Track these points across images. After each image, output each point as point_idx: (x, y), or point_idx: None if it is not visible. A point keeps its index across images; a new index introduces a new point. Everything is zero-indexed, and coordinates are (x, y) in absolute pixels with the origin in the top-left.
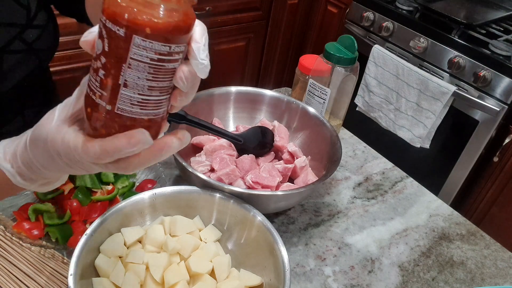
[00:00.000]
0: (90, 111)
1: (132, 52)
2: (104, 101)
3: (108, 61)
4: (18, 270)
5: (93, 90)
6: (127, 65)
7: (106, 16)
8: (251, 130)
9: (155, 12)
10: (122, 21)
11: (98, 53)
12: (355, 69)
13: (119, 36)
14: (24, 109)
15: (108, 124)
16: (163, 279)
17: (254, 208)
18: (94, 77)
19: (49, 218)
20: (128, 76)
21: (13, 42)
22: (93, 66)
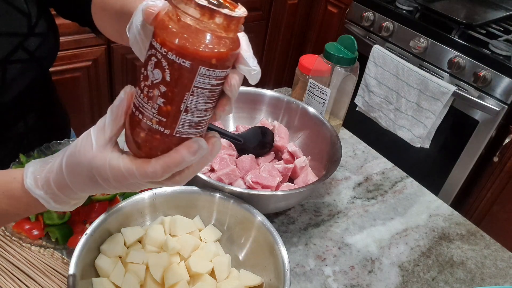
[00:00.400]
0: (144, 136)
1: (196, 81)
2: (162, 127)
3: (169, 90)
4: (18, 270)
5: (147, 116)
6: (190, 93)
7: (167, 48)
8: (251, 130)
9: (218, 43)
10: (188, 54)
11: (156, 82)
12: (355, 69)
13: (184, 68)
14: (26, 114)
15: (163, 146)
16: (163, 279)
17: (254, 208)
18: (151, 104)
19: (49, 218)
20: (190, 103)
21: (15, 52)
22: (147, 93)
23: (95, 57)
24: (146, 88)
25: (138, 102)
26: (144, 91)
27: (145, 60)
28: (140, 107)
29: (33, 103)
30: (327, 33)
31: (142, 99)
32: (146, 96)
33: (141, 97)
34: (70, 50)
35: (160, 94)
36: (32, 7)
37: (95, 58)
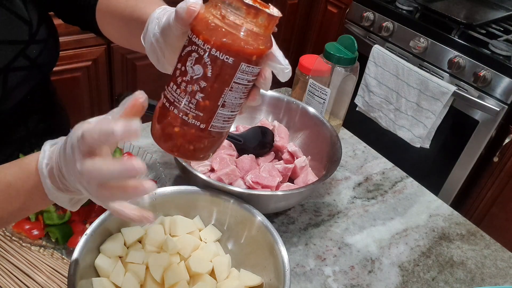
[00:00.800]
0: (178, 130)
1: (236, 77)
2: (198, 121)
3: (210, 85)
4: (18, 270)
5: (183, 111)
6: (229, 88)
7: (211, 45)
8: (251, 130)
9: (258, 40)
10: (232, 51)
11: (196, 77)
12: (355, 69)
13: (226, 64)
14: (27, 118)
15: (196, 140)
16: (163, 279)
17: (254, 208)
18: (188, 99)
19: (49, 218)
20: (228, 98)
21: (16, 59)
22: (184, 89)
23: (95, 57)
24: (183, 83)
25: (174, 97)
26: (181, 86)
27: (183, 57)
28: (176, 102)
29: (34, 107)
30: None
31: (179, 94)
32: (183, 91)
33: (177, 92)
34: (70, 50)
35: (199, 89)
36: (33, 14)
37: (95, 58)
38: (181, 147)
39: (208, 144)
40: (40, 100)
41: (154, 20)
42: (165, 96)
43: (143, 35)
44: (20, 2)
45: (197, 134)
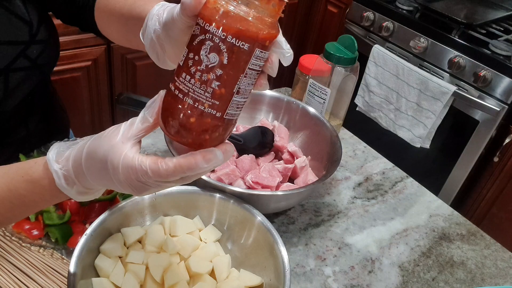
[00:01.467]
0: (194, 121)
1: (251, 63)
2: (214, 110)
3: (225, 73)
4: (18, 270)
5: (199, 101)
6: (244, 75)
7: (227, 32)
8: (251, 130)
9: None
10: (248, 37)
11: (211, 65)
12: (355, 69)
13: (242, 50)
14: (27, 119)
15: (212, 129)
16: (163, 279)
17: (254, 208)
18: (204, 88)
19: (49, 218)
20: (242, 84)
21: (17, 60)
22: (199, 78)
23: (95, 57)
24: (198, 72)
25: (188, 88)
26: (195, 76)
27: (195, 46)
28: (190, 93)
29: (34, 108)
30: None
31: (193, 84)
32: (198, 80)
33: (192, 82)
34: (70, 50)
35: (215, 77)
36: (33, 14)
37: (95, 58)
38: (196, 137)
39: (222, 132)
40: (41, 101)
41: (154, 16)
42: (177, 88)
43: (142, 31)
44: (20, 2)
45: (213, 123)
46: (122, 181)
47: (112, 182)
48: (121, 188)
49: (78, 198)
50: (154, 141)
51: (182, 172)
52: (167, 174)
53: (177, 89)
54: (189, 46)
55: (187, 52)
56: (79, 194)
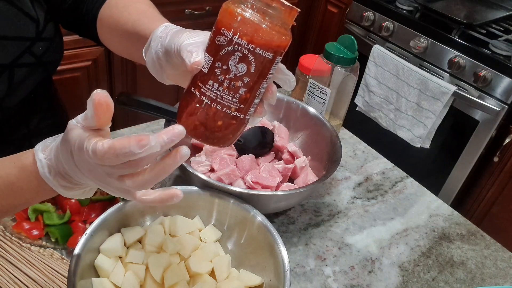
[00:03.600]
0: (221, 123)
1: (272, 69)
2: (239, 113)
3: (252, 80)
4: (18, 270)
5: (227, 106)
6: (265, 80)
7: (256, 44)
8: (251, 130)
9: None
10: (273, 47)
11: (240, 74)
12: (355, 69)
13: (267, 59)
14: (29, 117)
15: (235, 130)
16: (163, 279)
17: (254, 208)
18: (232, 94)
19: (49, 218)
20: (262, 88)
21: (22, 56)
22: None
23: (95, 57)
24: (227, 81)
25: (216, 95)
26: (224, 83)
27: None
28: (219, 99)
29: (36, 107)
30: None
31: (222, 92)
32: (227, 88)
33: (220, 89)
34: (70, 50)
35: (243, 84)
36: (40, 12)
37: (95, 58)
38: (222, 138)
39: (241, 130)
40: (43, 100)
41: (157, 38)
42: (203, 94)
43: (145, 50)
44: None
45: (236, 124)
46: (78, 165)
47: (76, 169)
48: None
49: (63, 192)
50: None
51: (115, 154)
52: (102, 154)
53: (204, 95)
54: (215, 56)
55: (213, 61)
56: (62, 187)
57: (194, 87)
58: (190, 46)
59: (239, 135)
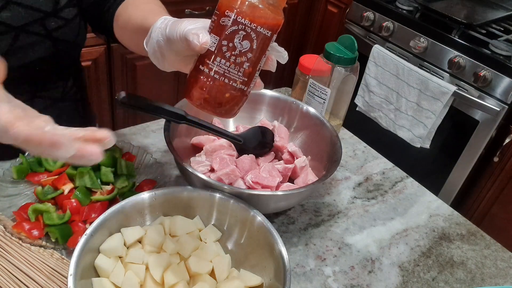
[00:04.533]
0: (228, 95)
1: (270, 46)
2: (244, 85)
3: (254, 55)
4: (18, 270)
5: (233, 79)
6: (265, 55)
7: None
8: (251, 130)
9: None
10: (272, 26)
11: (244, 50)
12: (355, 69)
13: (267, 37)
14: (34, 97)
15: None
16: (163, 279)
17: (254, 208)
18: (238, 69)
19: (49, 218)
20: (261, 63)
21: (32, 25)
22: (234, 61)
23: (95, 57)
24: (233, 56)
25: (224, 70)
26: (230, 59)
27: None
28: (226, 73)
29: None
30: (327, 33)
31: (229, 67)
32: (233, 63)
33: (227, 65)
34: None
35: (247, 59)
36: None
37: (95, 58)
38: (229, 109)
39: (244, 102)
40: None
41: (157, 29)
42: (211, 69)
43: (146, 41)
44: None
45: (241, 96)
46: None
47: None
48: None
49: None
50: (154, 141)
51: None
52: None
53: (211, 70)
54: (220, 35)
55: (219, 40)
56: None
57: (202, 64)
58: (194, 30)
59: (241, 107)
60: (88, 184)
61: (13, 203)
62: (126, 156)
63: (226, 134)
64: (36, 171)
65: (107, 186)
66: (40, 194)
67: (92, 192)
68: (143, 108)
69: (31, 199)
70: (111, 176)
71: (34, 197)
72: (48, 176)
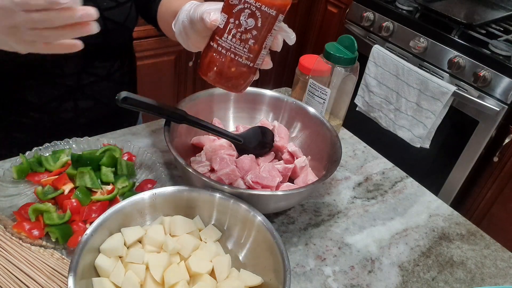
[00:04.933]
0: (234, 70)
1: (275, 25)
2: (249, 61)
3: (258, 33)
4: (18, 270)
5: (239, 55)
6: (270, 34)
7: (261, 3)
8: (251, 130)
9: None
10: (276, 5)
11: (249, 28)
12: (355, 69)
13: (271, 16)
14: (82, 72)
15: (246, 76)
16: (163, 279)
17: (254, 208)
18: (243, 45)
19: (49, 218)
20: (267, 41)
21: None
22: (240, 38)
23: None
24: (239, 33)
25: (230, 45)
26: (236, 36)
27: (235, 13)
28: (232, 49)
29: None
30: (327, 33)
31: (235, 43)
32: (239, 39)
33: (233, 41)
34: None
35: (251, 37)
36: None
37: None
38: (235, 82)
39: (251, 78)
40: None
41: (184, 12)
42: (220, 45)
43: (174, 23)
44: None
45: (246, 71)
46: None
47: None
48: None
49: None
50: (154, 141)
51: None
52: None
53: (221, 47)
54: (229, 13)
55: (227, 18)
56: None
57: (212, 41)
58: (208, 10)
59: (249, 83)
60: (88, 184)
61: (13, 203)
62: (126, 156)
63: (226, 134)
64: (36, 171)
65: (107, 186)
66: (41, 194)
67: (92, 192)
68: (143, 108)
69: (31, 199)
70: (111, 176)
71: (34, 197)
72: (48, 176)
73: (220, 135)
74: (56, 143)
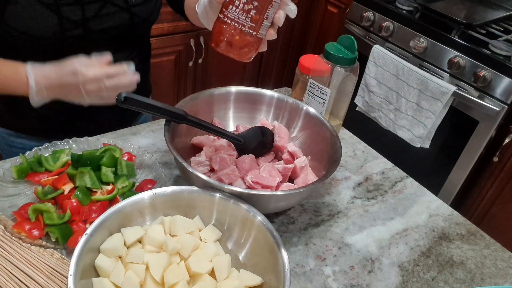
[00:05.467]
0: (238, 38)
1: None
2: (252, 30)
3: (259, 4)
4: (18, 270)
5: (242, 24)
6: (271, 5)
7: None
8: (251, 130)
9: None
10: None
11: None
12: (355, 69)
13: None
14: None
15: (249, 44)
16: (163, 279)
17: (254, 208)
18: (245, 15)
19: (49, 218)
20: (269, 12)
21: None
22: (242, 8)
23: None
24: (242, 4)
25: (234, 15)
26: (239, 7)
27: None
28: (236, 19)
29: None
30: (327, 33)
31: (238, 13)
32: (241, 10)
33: (237, 11)
34: None
35: (253, 7)
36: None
37: None
38: (239, 50)
39: (255, 46)
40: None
41: None
42: (226, 16)
43: (197, 5)
44: None
45: (250, 39)
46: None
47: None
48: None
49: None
50: (154, 141)
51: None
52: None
53: (226, 17)
54: None
55: None
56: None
57: (220, 13)
58: None
59: (253, 52)
60: (88, 184)
61: (13, 203)
62: (126, 156)
63: (226, 134)
64: (36, 171)
65: (107, 186)
66: (41, 194)
67: (92, 192)
68: (143, 108)
69: (31, 199)
70: (111, 176)
71: (34, 197)
72: (48, 176)
73: (220, 135)
74: (56, 143)
